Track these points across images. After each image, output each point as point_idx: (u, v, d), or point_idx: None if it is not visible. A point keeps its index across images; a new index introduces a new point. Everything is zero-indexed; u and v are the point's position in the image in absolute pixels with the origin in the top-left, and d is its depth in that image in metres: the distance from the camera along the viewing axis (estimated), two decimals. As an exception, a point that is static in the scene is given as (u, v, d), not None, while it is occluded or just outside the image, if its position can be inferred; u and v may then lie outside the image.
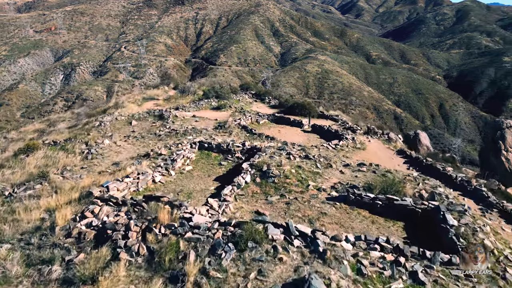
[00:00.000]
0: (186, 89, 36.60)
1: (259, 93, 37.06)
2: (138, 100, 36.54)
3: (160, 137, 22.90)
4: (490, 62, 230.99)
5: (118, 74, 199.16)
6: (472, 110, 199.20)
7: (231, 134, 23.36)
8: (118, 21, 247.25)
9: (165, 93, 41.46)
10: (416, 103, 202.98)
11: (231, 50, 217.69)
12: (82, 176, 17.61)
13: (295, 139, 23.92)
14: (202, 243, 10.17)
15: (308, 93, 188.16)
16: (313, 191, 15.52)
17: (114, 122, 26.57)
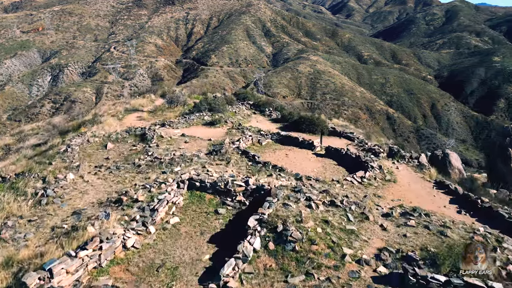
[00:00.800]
0: (175, 99, 31.50)
1: (258, 103, 32.09)
2: (120, 112, 31.35)
3: (139, 168, 17.85)
4: (480, 61, 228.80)
5: (108, 75, 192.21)
6: (464, 110, 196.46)
7: (229, 162, 18.40)
8: (107, 21, 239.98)
9: (151, 102, 36.27)
10: (408, 103, 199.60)
11: (222, 50, 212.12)
12: (28, 235, 12.57)
13: (308, 167, 19.06)
14: None
15: (301, 94, 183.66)
16: (352, 265, 10.67)
17: (85, 145, 21.42)
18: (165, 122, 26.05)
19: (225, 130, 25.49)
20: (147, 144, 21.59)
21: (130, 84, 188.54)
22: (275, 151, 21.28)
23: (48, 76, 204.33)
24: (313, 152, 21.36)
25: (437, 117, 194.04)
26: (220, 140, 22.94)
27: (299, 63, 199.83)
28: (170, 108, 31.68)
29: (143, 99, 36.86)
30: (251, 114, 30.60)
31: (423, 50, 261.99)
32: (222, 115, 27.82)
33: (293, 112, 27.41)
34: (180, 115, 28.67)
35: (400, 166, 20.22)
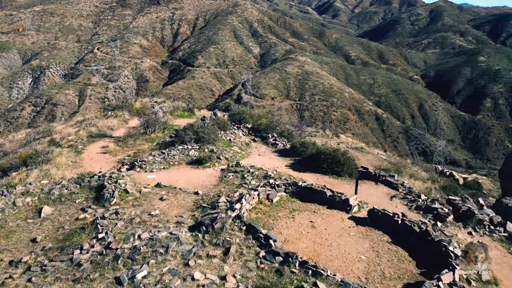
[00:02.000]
0: (152, 123, 23.89)
1: (258, 127, 24.50)
2: (81, 140, 23.62)
3: (80, 270, 10.37)
4: (466, 61, 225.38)
5: (91, 77, 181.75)
6: (451, 110, 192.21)
7: (228, 252, 11.08)
8: (90, 22, 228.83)
9: (123, 123, 28.55)
10: (396, 104, 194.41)
11: (209, 51, 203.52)
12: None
13: (352, 251, 11.85)
14: None
15: (289, 95, 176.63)
16: None
17: (8, 213, 13.74)
18: (136, 162, 18.48)
19: (218, 172, 18.07)
20: (103, 207, 14.06)
21: (115, 86, 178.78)
22: (294, 216, 14.00)
23: (29, 78, 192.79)
24: (349, 216, 14.18)
25: (425, 117, 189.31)
26: (212, 194, 15.53)
27: (287, 64, 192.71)
28: (145, 134, 24.07)
29: (115, 118, 29.11)
30: (250, 142, 23.13)
31: (409, 50, 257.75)
32: (213, 147, 20.36)
33: (307, 143, 20.01)
34: (158, 148, 21.10)
35: (483, 239, 13.17)
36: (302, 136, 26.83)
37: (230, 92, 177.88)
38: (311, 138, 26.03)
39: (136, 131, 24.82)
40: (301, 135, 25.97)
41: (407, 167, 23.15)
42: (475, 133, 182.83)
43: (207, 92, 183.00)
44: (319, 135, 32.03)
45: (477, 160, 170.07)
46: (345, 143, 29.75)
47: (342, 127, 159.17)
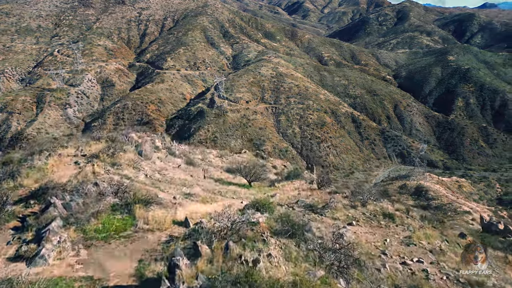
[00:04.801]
0: None
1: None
2: None
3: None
4: (436, 61, 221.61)
5: (51, 81, 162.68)
6: (424, 110, 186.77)
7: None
8: (50, 22, 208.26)
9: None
10: (372, 105, 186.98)
11: (179, 52, 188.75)
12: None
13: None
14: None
15: (264, 98, 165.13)
16: None
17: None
18: None
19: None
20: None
21: (77, 92, 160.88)
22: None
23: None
24: None
25: (400, 118, 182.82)
26: None
27: (261, 65, 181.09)
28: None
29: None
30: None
31: (380, 50, 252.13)
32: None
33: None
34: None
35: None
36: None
37: (202, 96, 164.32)
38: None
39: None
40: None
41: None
42: (449, 133, 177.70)
43: (178, 96, 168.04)
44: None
45: (453, 161, 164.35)
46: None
47: (319, 131, 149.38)
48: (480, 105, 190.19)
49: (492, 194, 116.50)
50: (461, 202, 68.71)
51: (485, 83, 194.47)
